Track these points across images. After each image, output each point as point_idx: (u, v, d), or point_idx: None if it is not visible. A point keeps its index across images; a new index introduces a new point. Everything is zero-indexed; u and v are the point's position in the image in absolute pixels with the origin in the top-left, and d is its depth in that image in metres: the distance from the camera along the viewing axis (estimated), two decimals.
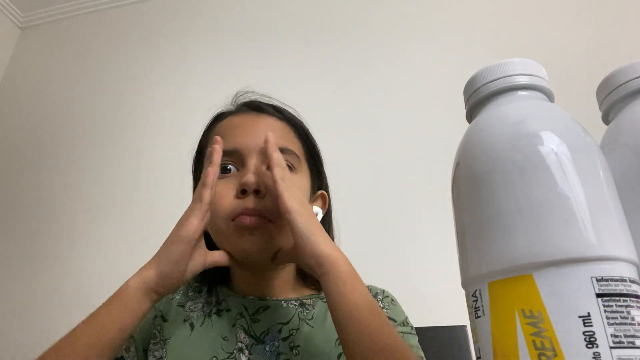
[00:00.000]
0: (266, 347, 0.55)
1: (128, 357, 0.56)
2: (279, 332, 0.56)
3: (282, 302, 0.60)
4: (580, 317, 0.23)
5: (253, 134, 0.57)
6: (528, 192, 0.26)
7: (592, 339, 0.22)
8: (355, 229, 0.92)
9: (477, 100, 0.32)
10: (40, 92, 1.94)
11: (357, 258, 0.88)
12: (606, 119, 0.37)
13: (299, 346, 0.55)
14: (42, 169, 1.77)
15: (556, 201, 0.25)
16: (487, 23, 1.51)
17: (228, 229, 0.54)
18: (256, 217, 0.52)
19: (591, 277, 0.23)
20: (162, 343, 0.57)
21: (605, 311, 0.23)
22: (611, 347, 0.22)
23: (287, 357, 0.54)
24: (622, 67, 0.34)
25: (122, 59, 1.89)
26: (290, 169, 0.58)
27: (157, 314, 0.60)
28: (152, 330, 0.59)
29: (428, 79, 1.47)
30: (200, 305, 0.60)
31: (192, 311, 0.60)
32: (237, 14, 1.81)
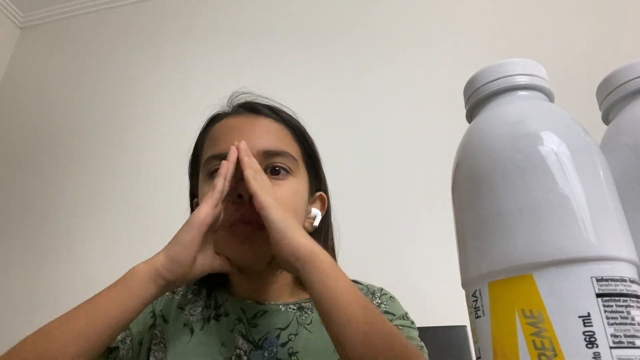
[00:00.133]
0: (265, 353, 0.55)
1: (123, 348, 0.56)
2: (278, 337, 0.56)
3: (281, 306, 0.59)
4: (580, 317, 0.23)
5: (248, 136, 0.57)
6: (528, 192, 0.26)
7: (592, 339, 0.22)
8: (355, 229, 0.92)
9: (477, 100, 0.32)
10: (40, 92, 1.94)
11: (357, 258, 0.88)
12: (606, 119, 0.37)
13: (298, 352, 0.55)
14: (42, 168, 1.77)
15: (556, 201, 0.25)
16: (487, 23, 1.50)
17: (225, 235, 0.54)
18: (252, 226, 0.52)
19: (591, 277, 0.23)
20: (162, 345, 0.57)
21: (605, 311, 0.23)
22: (611, 347, 0.22)
23: None
24: (622, 67, 0.34)
25: (122, 59, 1.89)
26: (287, 172, 0.58)
27: (157, 313, 0.60)
28: (153, 329, 0.59)
29: (428, 79, 1.47)
30: (200, 308, 0.60)
31: (191, 315, 0.60)
32: (237, 14, 1.81)
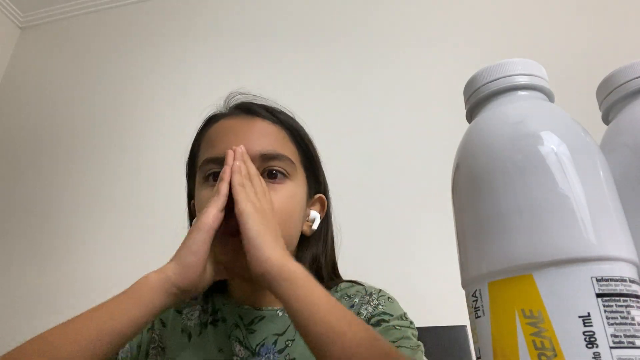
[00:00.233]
0: None
1: (122, 352, 0.55)
2: (275, 344, 0.56)
3: (278, 311, 0.59)
4: (580, 317, 0.23)
5: (245, 139, 0.56)
6: (528, 192, 0.26)
7: (592, 339, 0.22)
8: (355, 229, 0.92)
9: (477, 100, 0.32)
10: (40, 92, 1.94)
11: (358, 258, 0.88)
12: (606, 119, 0.37)
13: (295, 359, 0.55)
14: (42, 169, 1.77)
15: (556, 201, 0.25)
16: (487, 23, 1.50)
17: (220, 243, 0.53)
18: (239, 237, 0.50)
19: (591, 277, 0.23)
20: (160, 349, 0.57)
21: (605, 311, 0.23)
22: (611, 347, 0.22)
23: None
24: (622, 67, 0.34)
25: (122, 59, 1.89)
26: (284, 176, 0.57)
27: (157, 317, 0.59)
28: (151, 333, 0.59)
29: (428, 79, 1.47)
30: (197, 313, 0.60)
31: (189, 319, 0.59)
32: (238, 14, 1.81)
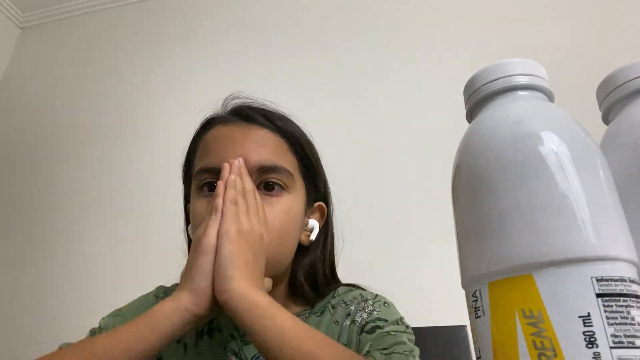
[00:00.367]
0: None
1: None
2: None
3: None
4: (580, 317, 0.23)
5: (242, 148, 0.55)
6: (528, 192, 0.26)
7: (592, 339, 0.22)
8: (355, 230, 0.92)
9: (477, 100, 0.32)
10: (40, 92, 1.94)
11: (358, 259, 0.89)
12: (606, 119, 0.37)
13: None
14: (42, 169, 1.77)
15: (556, 201, 0.25)
16: (487, 23, 1.50)
17: None
18: None
19: (591, 277, 0.23)
20: (156, 358, 0.57)
21: (605, 311, 0.23)
22: (611, 347, 0.22)
23: None
24: (622, 67, 0.34)
25: (122, 58, 1.89)
26: (281, 188, 0.56)
27: None
28: None
29: (428, 79, 1.47)
30: None
31: None
32: (238, 15, 1.81)
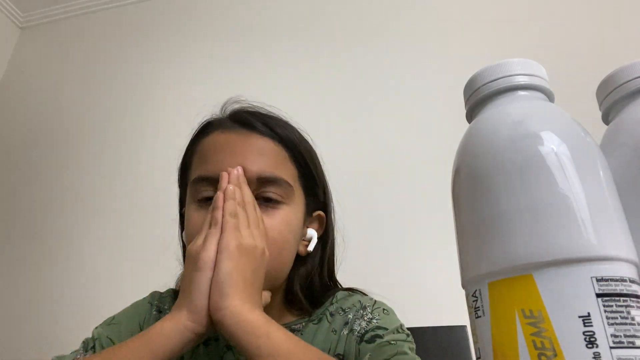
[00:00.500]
0: None
1: None
2: None
3: None
4: (580, 317, 0.23)
5: (241, 158, 0.54)
6: (528, 192, 0.26)
7: (592, 339, 0.22)
8: (355, 230, 0.92)
9: (477, 100, 0.32)
10: (40, 93, 1.94)
11: (358, 259, 0.88)
12: (606, 119, 0.37)
13: None
14: (42, 169, 1.77)
15: (556, 201, 0.25)
16: (487, 23, 1.50)
17: None
18: None
19: (591, 277, 0.23)
20: None
21: (605, 311, 0.23)
22: (611, 347, 0.22)
23: None
24: (622, 67, 0.34)
25: (122, 59, 1.89)
26: (281, 201, 0.55)
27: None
28: None
29: (428, 80, 1.47)
30: None
31: None
32: (239, 16, 1.81)
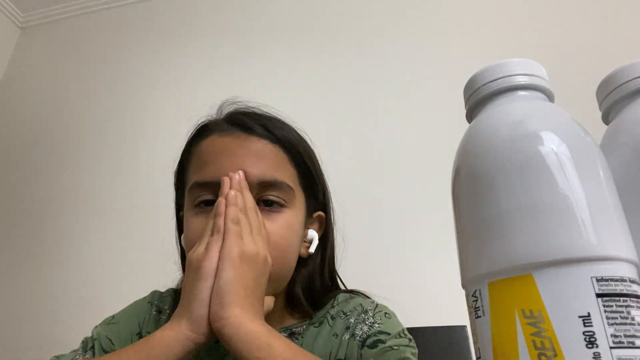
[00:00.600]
0: None
1: None
2: None
3: None
4: (580, 317, 0.23)
5: (240, 162, 0.53)
6: (528, 192, 0.26)
7: (592, 339, 0.22)
8: (355, 231, 0.92)
9: (477, 100, 0.32)
10: (40, 93, 1.94)
11: (358, 259, 0.88)
12: (606, 119, 0.37)
13: None
14: (41, 169, 1.77)
15: (556, 201, 0.25)
16: (487, 23, 1.50)
17: None
18: None
19: (591, 277, 0.23)
20: None
21: (605, 311, 0.23)
22: (611, 347, 0.22)
23: None
24: (622, 67, 0.34)
25: (122, 59, 1.89)
26: (281, 205, 0.54)
27: (144, 335, 0.57)
28: None
29: (428, 79, 1.47)
30: None
31: None
32: (239, 15, 1.81)
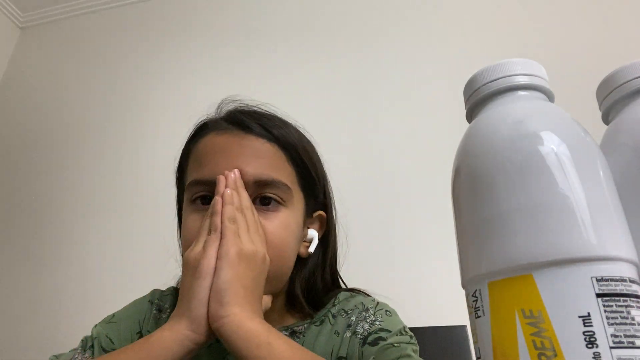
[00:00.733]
0: None
1: None
2: None
3: None
4: (580, 317, 0.23)
5: (237, 160, 0.53)
6: (528, 192, 0.26)
7: (592, 339, 0.22)
8: (355, 231, 0.92)
9: (477, 100, 0.32)
10: (40, 93, 1.94)
11: (358, 259, 0.88)
12: (606, 119, 0.37)
13: None
14: (41, 169, 1.77)
15: (556, 201, 0.25)
16: (487, 23, 1.50)
17: None
18: None
19: (591, 277, 0.23)
20: None
21: (605, 311, 0.23)
22: (611, 347, 0.22)
23: None
24: (622, 67, 0.34)
25: (122, 59, 1.89)
26: (279, 203, 0.54)
27: (144, 334, 0.57)
28: None
29: (428, 79, 1.47)
30: None
31: None
32: (240, 15, 1.81)
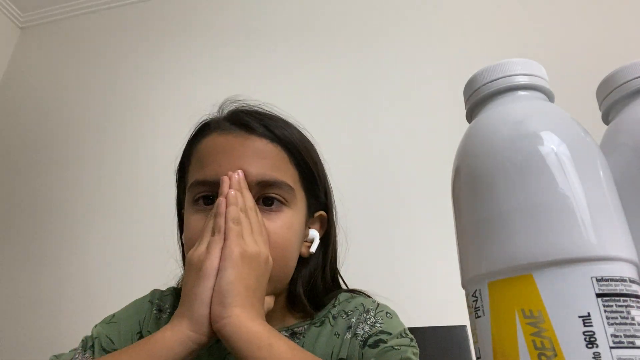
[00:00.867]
0: None
1: None
2: None
3: None
4: (580, 317, 0.23)
5: (239, 161, 0.53)
6: (528, 192, 0.26)
7: (592, 339, 0.22)
8: (355, 230, 0.92)
9: (477, 100, 0.32)
10: (40, 92, 1.94)
11: (358, 259, 0.88)
12: (606, 119, 0.37)
13: None
14: (42, 169, 1.77)
15: (556, 201, 0.25)
16: (487, 23, 1.50)
17: None
18: None
19: (591, 277, 0.23)
20: None
21: (605, 311, 0.23)
22: (611, 347, 0.22)
23: None
24: (622, 67, 0.34)
25: (122, 58, 1.89)
26: (282, 203, 0.54)
27: (144, 335, 0.57)
28: None
29: (428, 79, 1.47)
30: None
31: None
32: (240, 15, 1.81)
